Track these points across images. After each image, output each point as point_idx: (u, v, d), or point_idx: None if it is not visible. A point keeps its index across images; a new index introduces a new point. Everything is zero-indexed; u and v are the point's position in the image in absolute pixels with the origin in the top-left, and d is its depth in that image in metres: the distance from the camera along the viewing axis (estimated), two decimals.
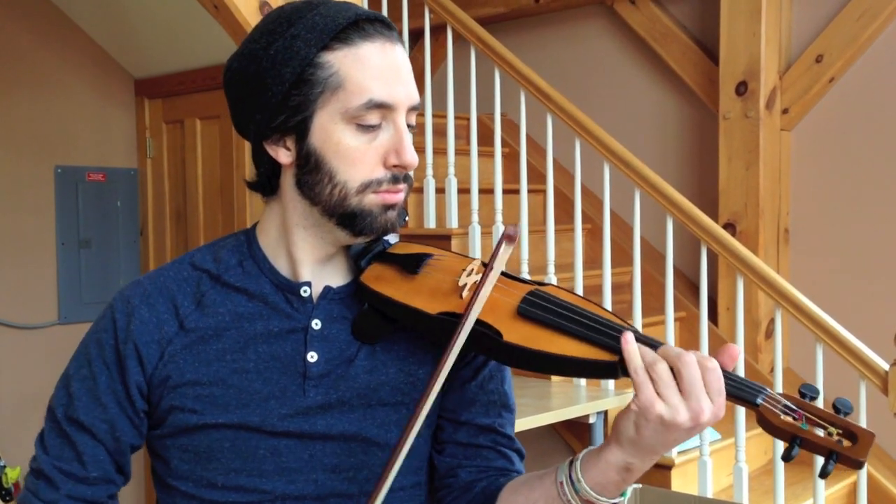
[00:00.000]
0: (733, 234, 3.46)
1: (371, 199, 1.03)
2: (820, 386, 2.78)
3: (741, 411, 2.86)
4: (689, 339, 3.70)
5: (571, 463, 0.99)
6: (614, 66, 4.20)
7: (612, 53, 4.20)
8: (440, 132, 3.79)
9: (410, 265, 1.09)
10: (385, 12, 3.75)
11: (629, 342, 0.94)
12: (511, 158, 4.09)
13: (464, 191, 3.59)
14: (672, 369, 0.91)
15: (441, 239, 3.52)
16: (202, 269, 1.11)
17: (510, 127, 4.17)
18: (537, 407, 2.82)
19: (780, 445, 2.82)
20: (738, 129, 3.64)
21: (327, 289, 1.09)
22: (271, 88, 1.02)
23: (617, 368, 0.95)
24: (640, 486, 2.72)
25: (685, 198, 3.09)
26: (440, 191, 3.60)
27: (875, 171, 3.49)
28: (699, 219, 3.03)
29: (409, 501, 1.12)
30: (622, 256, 3.74)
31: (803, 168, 3.69)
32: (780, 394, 0.93)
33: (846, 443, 0.90)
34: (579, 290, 3.19)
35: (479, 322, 1.00)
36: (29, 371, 3.62)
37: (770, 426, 0.91)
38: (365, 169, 1.02)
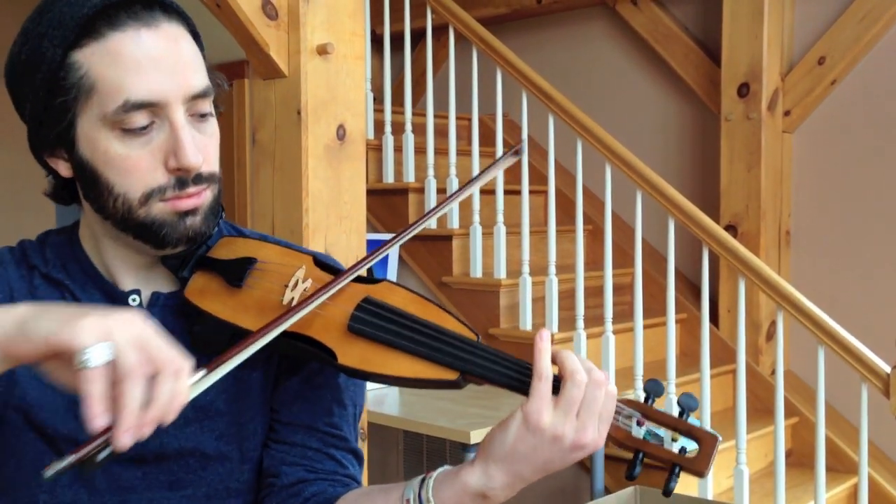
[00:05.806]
0: (735, 236, 3.46)
1: (160, 208, 0.91)
2: (821, 388, 2.77)
3: (742, 412, 2.85)
4: (689, 341, 3.70)
5: (423, 481, 0.90)
6: (616, 68, 4.19)
7: (613, 54, 4.20)
8: (442, 132, 3.78)
9: (233, 276, 0.97)
10: (387, 13, 3.75)
11: (545, 342, 0.86)
12: None
13: None
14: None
15: (442, 239, 3.51)
16: (33, 266, 1.01)
17: (512, 127, 4.16)
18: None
19: (782, 447, 2.82)
20: (740, 131, 3.64)
21: (157, 295, 1.00)
22: (29, 98, 0.92)
23: (459, 384, 0.90)
24: (640, 487, 2.72)
25: (687, 199, 3.09)
26: (441, 191, 3.59)
27: (877, 173, 3.49)
28: (700, 220, 3.03)
29: None
30: (623, 258, 3.73)
31: (805, 170, 3.69)
32: (622, 400, 0.86)
33: (692, 449, 0.83)
34: (580, 292, 3.19)
35: (313, 342, 0.93)
36: None
37: (610, 438, 0.85)
38: (143, 177, 0.89)
